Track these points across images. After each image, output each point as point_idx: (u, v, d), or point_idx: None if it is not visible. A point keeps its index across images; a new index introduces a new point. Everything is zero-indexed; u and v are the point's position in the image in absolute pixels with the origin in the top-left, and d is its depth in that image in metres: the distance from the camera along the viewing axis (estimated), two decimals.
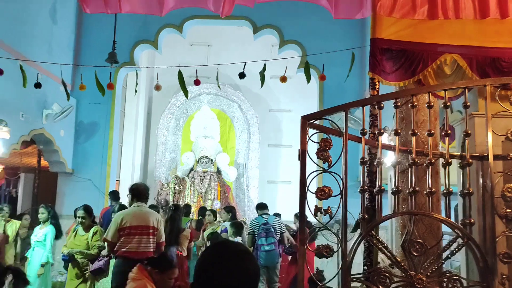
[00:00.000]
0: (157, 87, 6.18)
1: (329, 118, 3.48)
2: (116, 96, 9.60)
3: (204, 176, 10.81)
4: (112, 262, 5.00)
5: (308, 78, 4.71)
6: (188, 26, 9.81)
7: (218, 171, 11.12)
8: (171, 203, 10.01)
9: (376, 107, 3.29)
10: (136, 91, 6.84)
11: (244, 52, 10.64)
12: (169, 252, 5.33)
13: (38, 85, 5.92)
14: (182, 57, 10.84)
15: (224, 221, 7.24)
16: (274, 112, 12.39)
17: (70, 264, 5.34)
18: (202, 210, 7.98)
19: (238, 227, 6.35)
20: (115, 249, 4.60)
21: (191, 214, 8.72)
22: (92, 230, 5.40)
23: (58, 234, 5.97)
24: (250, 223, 7.19)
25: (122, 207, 6.14)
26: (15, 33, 7.48)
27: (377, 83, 3.50)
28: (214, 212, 7.69)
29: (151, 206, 7.08)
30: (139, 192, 4.75)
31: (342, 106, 3.19)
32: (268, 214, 7.04)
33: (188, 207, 8.31)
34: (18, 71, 6.20)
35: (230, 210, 7.47)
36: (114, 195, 7.70)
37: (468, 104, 3.09)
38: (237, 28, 10.62)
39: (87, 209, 5.50)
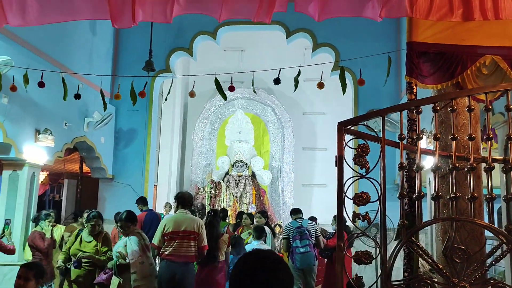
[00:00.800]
0: (191, 94, 6.28)
1: (366, 124, 3.46)
2: (153, 103, 9.82)
3: (239, 180, 10.90)
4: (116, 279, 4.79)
5: (344, 86, 4.67)
6: (221, 33, 9.94)
7: (253, 175, 11.17)
8: (207, 207, 10.19)
9: (414, 111, 3.25)
10: (166, 98, 6.94)
11: (277, 56, 10.70)
12: None
13: (77, 96, 6.14)
14: (216, 62, 11.00)
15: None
16: (308, 115, 12.36)
17: (74, 270, 4.84)
18: (240, 215, 8.04)
19: (259, 231, 6.31)
20: (160, 252, 4.97)
21: (227, 218, 8.81)
22: (102, 237, 5.04)
23: None
24: (284, 227, 7.18)
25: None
26: (58, 46, 7.80)
27: (414, 87, 3.45)
28: (250, 216, 7.72)
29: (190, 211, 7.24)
30: (183, 200, 5.13)
31: (380, 112, 3.16)
32: (302, 218, 7.02)
33: (224, 211, 8.39)
34: (61, 82, 6.45)
35: (266, 215, 7.46)
36: (143, 201, 7.90)
37: (511, 106, 3.01)
38: (270, 33, 10.68)
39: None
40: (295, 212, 7.18)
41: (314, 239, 6.73)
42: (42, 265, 3.78)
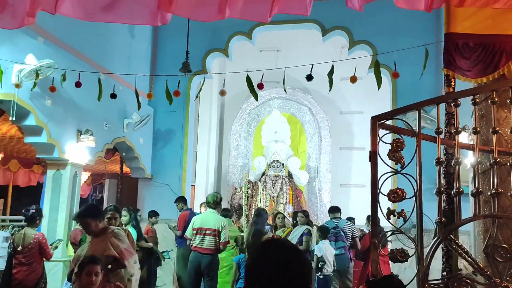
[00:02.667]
0: (222, 93, 6.37)
1: (402, 118, 3.37)
2: (190, 104, 9.94)
3: (276, 180, 10.87)
4: None
5: (379, 80, 4.57)
6: (257, 33, 9.96)
7: (290, 175, 11.11)
8: (244, 208, 10.21)
9: (452, 104, 3.13)
10: (197, 96, 7.06)
11: (313, 55, 10.57)
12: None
13: (113, 96, 6.30)
14: (252, 63, 10.95)
15: (301, 225, 7.17)
16: (345, 115, 12.18)
17: None
18: (296, 214, 8.02)
19: (324, 231, 6.34)
20: (190, 244, 6.12)
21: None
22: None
23: (139, 237, 6.27)
24: (320, 227, 7.11)
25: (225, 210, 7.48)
26: (98, 49, 8.05)
27: (452, 79, 3.33)
28: (284, 216, 7.72)
29: (223, 210, 7.39)
30: (208, 201, 6.28)
31: (415, 105, 3.08)
32: (340, 218, 6.93)
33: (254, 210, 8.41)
34: (104, 85, 6.65)
35: (308, 214, 7.44)
36: (184, 200, 8.18)
37: None
38: (306, 32, 10.60)
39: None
40: (333, 211, 7.11)
41: (351, 240, 6.63)
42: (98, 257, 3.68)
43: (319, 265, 6.08)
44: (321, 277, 6.05)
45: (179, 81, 6.19)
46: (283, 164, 11.06)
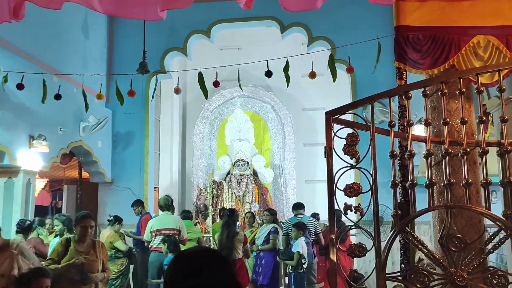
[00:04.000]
0: (177, 90, 6.28)
1: (357, 113, 3.37)
2: (150, 104, 9.75)
3: (241, 179, 10.82)
4: None
5: (334, 74, 4.59)
6: (216, 31, 9.86)
7: (255, 174, 11.09)
8: (210, 208, 10.12)
9: (403, 97, 3.15)
10: (153, 97, 6.94)
11: (274, 52, 10.50)
12: None
13: (57, 97, 6.12)
14: (212, 62, 10.87)
15: (267, 224, 7.13)
16: (307, 111, 12.27)
17: None
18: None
19: (301, 227, 6.36)
20: (149, 245, 6.46)
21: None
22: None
23: None
24: (284, 224, 7.13)
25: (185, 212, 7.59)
26: (50, 51, 7.74)
27: (404, 72, 3.35)
28: (253, 215, 7.69)
29: (184, 212, 7.38)
30: (160, 205, 6.70)
31: (368, 99, 3.08)
32: (303, 214, 6.95)
33: (225, 210, 8.33)
34: (54, 87, 6.41)
35: (274, 212, 7.43)
36: (142, 204, 8.10)
37: (504, 87, 2.90)
38: (266, 29, 10.59)
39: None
40: (296, 208, 7.13)
41: (314, 236, 6.66)
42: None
43: (302, 262, 6.13)
44: (300, 272, 6.10)
45: (131, 81, 6.04)
46: (247, 162, 11.02)
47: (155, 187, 10.91)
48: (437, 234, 3.17)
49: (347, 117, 3.28)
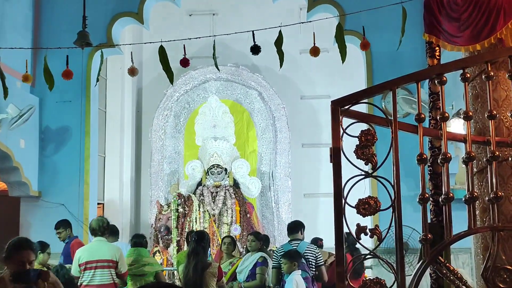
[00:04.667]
0: (132, 71, 6.27)
1: (375, 102, 3.41)
2: (92, 90, 9.70)
3: (216, 192, 10.84)
4: None
5: (343, 51, 4.63)
6: None
7: (236, 185, 11.10)
8: (174, 231, 10.11)
9: (436, 82, 3.20)
10: (98, 80, 6.92)
11: (262, 20, 10.61)
12: None
13: None
14: (179, 32, 10.88)
15: (253, 252, 7.14)
16: (308, 100, 12.32)
17: None
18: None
19: (295, 257, 6.37)
20: (79, 283, 6.33)
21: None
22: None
23: None
24: (275, 252, 7.14)
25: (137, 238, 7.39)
26: None
27: (436, 48, 3.40)
28: (234, 241, 7.70)
29: (136, 237, 7.29)
30: (92, 229, 6.62)
31: (389, 84, 3.12)
32: (300, 239, 6.97)
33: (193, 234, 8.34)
34: None
35: (262, 237, 7.44)
36: (69, 225, 8.00)
37: None
38: None
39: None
40: (292, 230, 7.14)
41: (314, 269, 6.69)
42: None
43: None
44: None
45: (67, 57, 6.02)
46: (226, 169, 11.03)
47: (99, 203, 10.83)
48: (480, 266, 3.22)
49: (361, 108, 3.31)
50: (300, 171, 11.81)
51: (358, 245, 3.63)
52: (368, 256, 3.08)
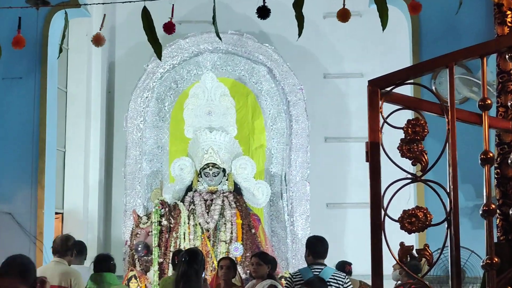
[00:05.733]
0: (97, 39, 6.30)
1: (425, 83, 3.41)
2: (50, 64, 9.74)
3: (212, 200, 10.87)
4: None
5: (385, 15, 4.63)
6: None
7: (237, 190, 11.15)
8: (155, 251, 10.15)
9: (507, 56, 3.20)
10: (61, 50, 6.93)
11: None
12: None
13: None
14: None
15: (258, 279, 7.19)
16: (333, 79, 12.35)
17: None
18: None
19: (316, 286, 6.47)
20: None
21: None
22: None
23: None
24: (287, 279, 7.19)
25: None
26: None
27: (508, 13, 3.40)
28: (234, 264, 7.73)
29: (102, 259, 7.50)
30: (54, 246, 7.24)
31: (443, 59, 3.12)
32: (324, 265, 7.01)
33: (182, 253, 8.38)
34: None
35: (270, 259, 7.47)
36: None
37: None
38: None
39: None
40: (313, 251, 7.16)
41: None
42: None
43: None
44: None
45: (19, 20, 6.03)
46: (224, 170, 11.07)
47: (57, 213, 10.92)
48: None
49: (405, 90, 3.31)
50: (322, 173, 11.86)
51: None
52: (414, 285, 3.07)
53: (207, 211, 10.77)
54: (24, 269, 4.09)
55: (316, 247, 7.16)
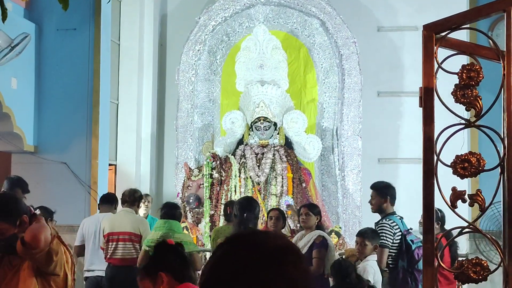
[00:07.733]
0: None
1: (481, 28, 3.38)
2: (103, 15, 9.81)
3: (263, 154, 10.91)
4: None
5: None
6: None
7: (288, 144, 11.16)
8: (207, 202, 10.26)
9: None
10: (108, 1, 6.92)
11: None
12: None
13: None
14: None
15: (307, 230, 7.23)
16: (387, 33, 12.22)
17: None
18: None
19: (374, 237, 6.51)
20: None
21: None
22: None
23: None
24: (385, 229, 6.90)
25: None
26: None
27: None
28: (283, 215, 7.78)
29: (168, 207, 7.66)
30: (124, 197, 8.05)
31: (500, 4, 3.10)
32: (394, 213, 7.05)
33: (235, 203, 8.44)
34: None
35: (318, 211, 7.49)
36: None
37: None
38: None
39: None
40: (395, 196, 7.14)
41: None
42: None
43: None
44: None
45: None
46: (275, 124, 11.08)
47: (110, 164, 11.12)
48: None
49: (461, 36, 3.29)
50: (374, 128, 11.82)
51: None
52: (466, 230, 3.10)
53: (258, 164, 10.83)
54: (3, 208, 4.00)
55: (390, 189, 7.19)
